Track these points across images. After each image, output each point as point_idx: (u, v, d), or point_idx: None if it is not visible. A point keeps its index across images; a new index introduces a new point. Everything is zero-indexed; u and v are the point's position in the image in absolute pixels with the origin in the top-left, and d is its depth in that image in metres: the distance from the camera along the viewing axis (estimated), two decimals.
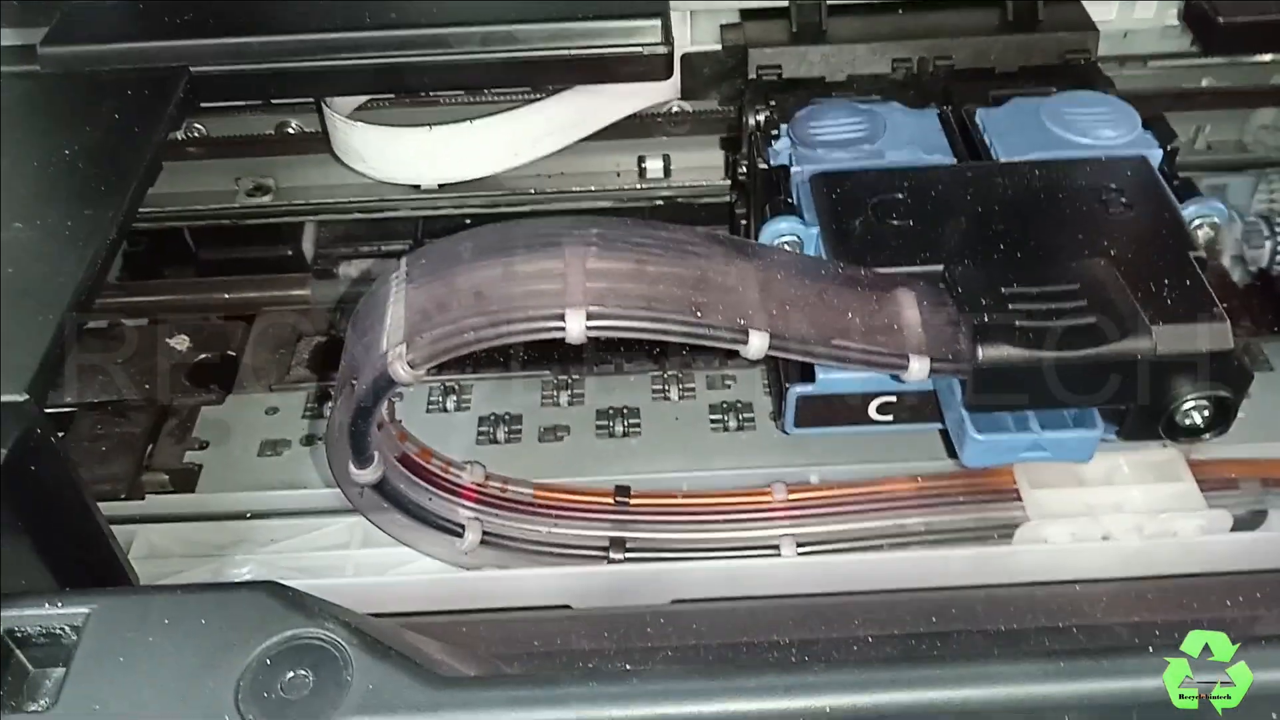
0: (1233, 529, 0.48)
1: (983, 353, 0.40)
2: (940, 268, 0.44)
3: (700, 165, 0.68)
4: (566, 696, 0.34)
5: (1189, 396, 0.41)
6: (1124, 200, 0.46)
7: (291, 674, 0.35)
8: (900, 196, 0.47)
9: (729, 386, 0.60)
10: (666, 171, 0.68)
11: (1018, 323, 0.41)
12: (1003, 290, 0.42)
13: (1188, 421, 0.42)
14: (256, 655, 0.36)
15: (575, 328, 0.38)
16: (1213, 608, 0.45)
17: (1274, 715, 0.34)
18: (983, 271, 0.43)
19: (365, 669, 0.35)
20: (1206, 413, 0.42)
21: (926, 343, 0.41)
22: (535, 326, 0.38)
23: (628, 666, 0.36)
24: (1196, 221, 0.47)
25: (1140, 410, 0.42)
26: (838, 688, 0.34)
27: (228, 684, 0.35)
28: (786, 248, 0.47)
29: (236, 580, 0.49)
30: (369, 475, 0.44)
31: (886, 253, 0.45)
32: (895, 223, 0.46)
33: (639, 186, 0.68)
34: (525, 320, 0.38)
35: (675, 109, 0.66)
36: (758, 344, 0.39)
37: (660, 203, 0.68)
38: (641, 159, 0.68)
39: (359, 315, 0.43)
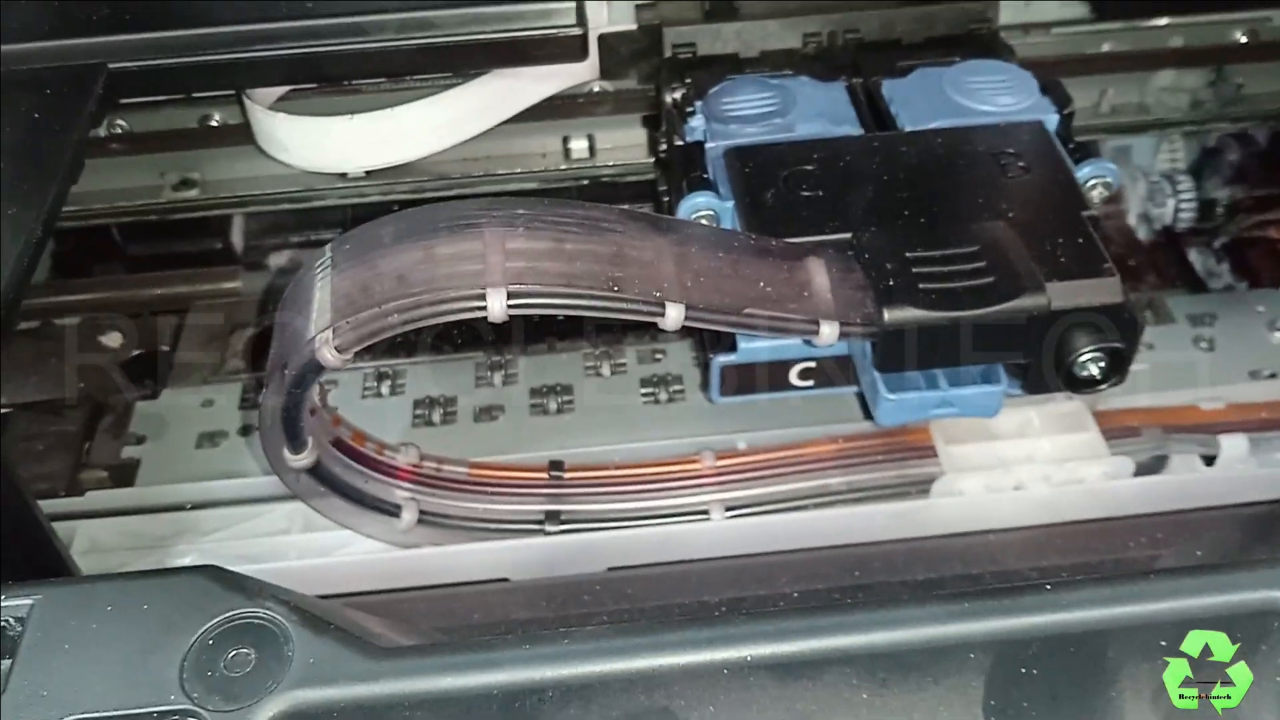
0: (1135, 474, 0.50)
1: (887, 314, 0.42)
2: (849, 235, 0.46)
3: (624, 144, 0.69)
4: (499, 660, 0.36)
5: (1085, 349, 0.43)
6: (1021, 164, 0.48)
7: (234, 652, 0.36)
8: (810, 168, 0.49)
9: (659, 360, 0.61)
10: (591, 151, 0.69)
11: (920, 285, 0.43)
12: (907, 255, 0.44)
13: (1085, 373, 0.44)
14: (199, 636, 0.37)
15: (496, 306, 0.39)
16: (1116, 549, 0.48)
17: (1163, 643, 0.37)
18: (888, 237, 0.45)
19: (305, 643, 0.36)
20: (1102, 364, 0.44)
21: (836, 308, 0.43)
22: (457, 307, 0.39)
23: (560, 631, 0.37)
24: (1091, 182, 0.49)
25: (1040, 364, 0.44)
26: (754, 638, 0.36)
27: (172, 665, 0.36)
28: (703, 222, 0.49)
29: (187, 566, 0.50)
30: (304, 460, 0.45)
31: (798, 223, 0.46)
32: (806, 193, 0.48)
33: (564, 167, 0.69)
34: (447, 301, 0.39)
35: (597, 89, 0.67)
36: (674, 315, 0.41)
37: (586, 182, 0.69)
38: (566, 139, 0.69)
39: (286, 302, 0.44)
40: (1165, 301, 0.62)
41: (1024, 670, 0.37)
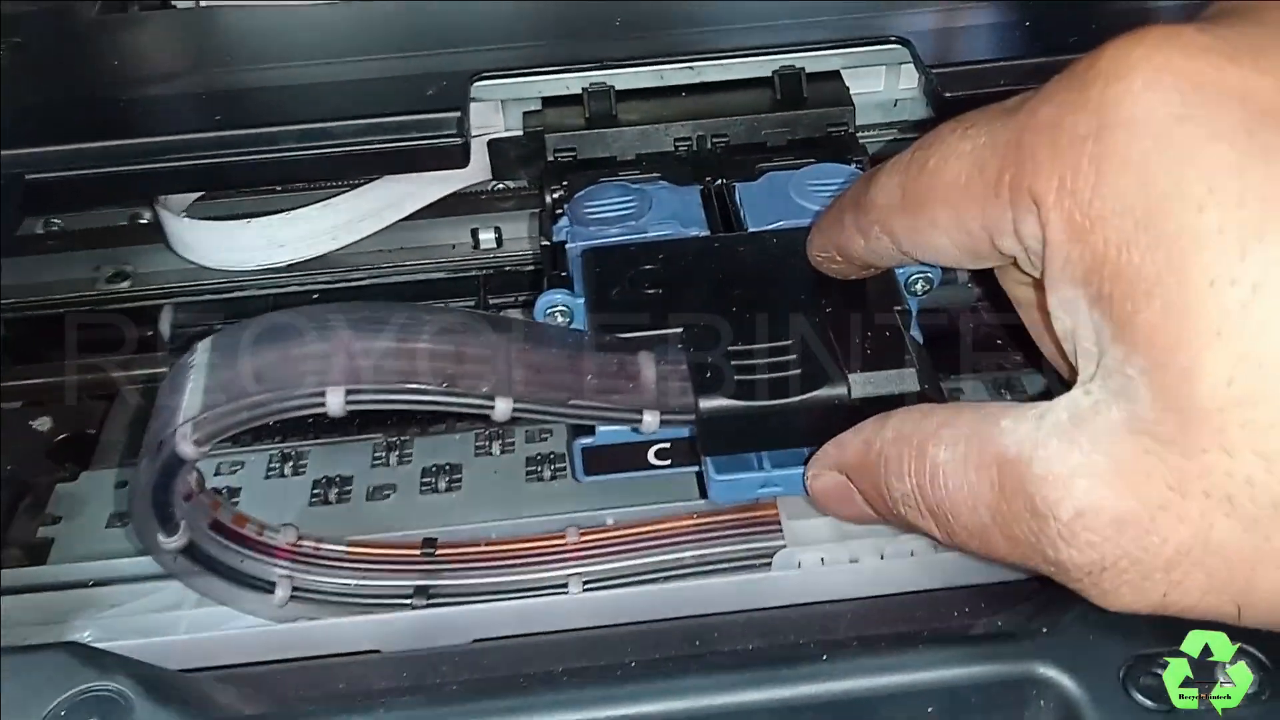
0: None
1: (702, 404, 0.46)
2: (680, 330, 0.50)
3: (529, 235, 0.74)
4: None
5: None
6: None
7: None
8: (653, 267, 0.53)
9: (545, 440, 0.65)
10: (499, 243, 0.74)
11: (736, 377, 0.47)
12: (729, 348, 0.48)
13: None
14: (53, 708, 0.41)
15: (335, 403, 0.43)
16: (940, 617, 0.51)
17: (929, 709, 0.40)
18: (714, 332, 0.49)
19: (147, 714, 0.40)
20: None
21: (658, 398, 0.47)
22: (300, 404, 0.44)
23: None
24: (913, 278, 0.53)
25: None
26: (558, 706, 0.40)
27: None
28: (559, 318, 0.53)
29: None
30: (175, 542, 0.49)
31: (636, 319, 0.51)
32: (648, 291, 0.52)
33: (470, 258, 0.73)
34: (291, 399, 0.44)
35: (499, 187, 0.72)
36: (502, 408, 0.45)
37: (491, 271, 0.73)
38: (475, 231, 0.74)
39: (161, 394, 0.48)
40: (1021, 380, 0.66)
41: None
